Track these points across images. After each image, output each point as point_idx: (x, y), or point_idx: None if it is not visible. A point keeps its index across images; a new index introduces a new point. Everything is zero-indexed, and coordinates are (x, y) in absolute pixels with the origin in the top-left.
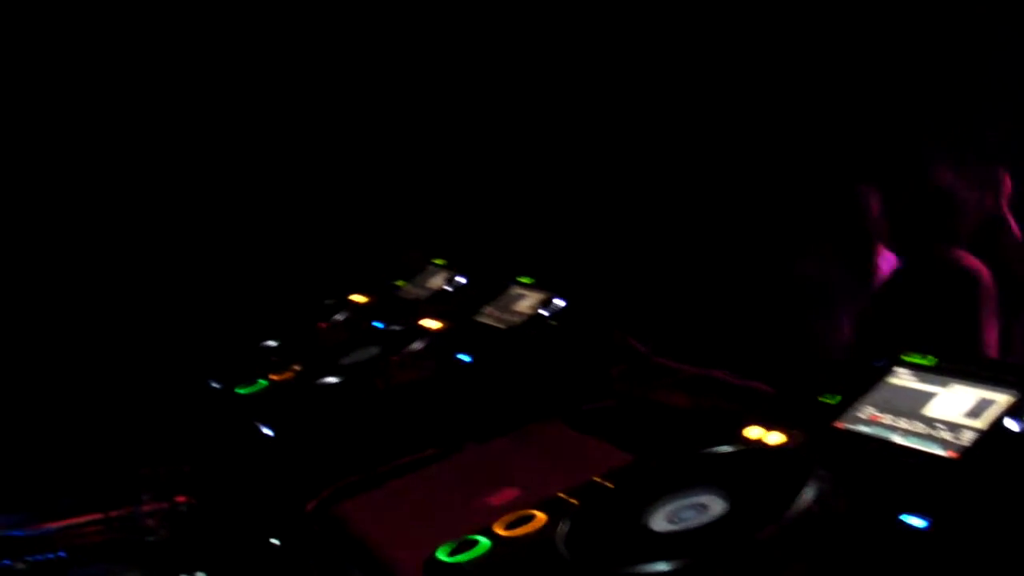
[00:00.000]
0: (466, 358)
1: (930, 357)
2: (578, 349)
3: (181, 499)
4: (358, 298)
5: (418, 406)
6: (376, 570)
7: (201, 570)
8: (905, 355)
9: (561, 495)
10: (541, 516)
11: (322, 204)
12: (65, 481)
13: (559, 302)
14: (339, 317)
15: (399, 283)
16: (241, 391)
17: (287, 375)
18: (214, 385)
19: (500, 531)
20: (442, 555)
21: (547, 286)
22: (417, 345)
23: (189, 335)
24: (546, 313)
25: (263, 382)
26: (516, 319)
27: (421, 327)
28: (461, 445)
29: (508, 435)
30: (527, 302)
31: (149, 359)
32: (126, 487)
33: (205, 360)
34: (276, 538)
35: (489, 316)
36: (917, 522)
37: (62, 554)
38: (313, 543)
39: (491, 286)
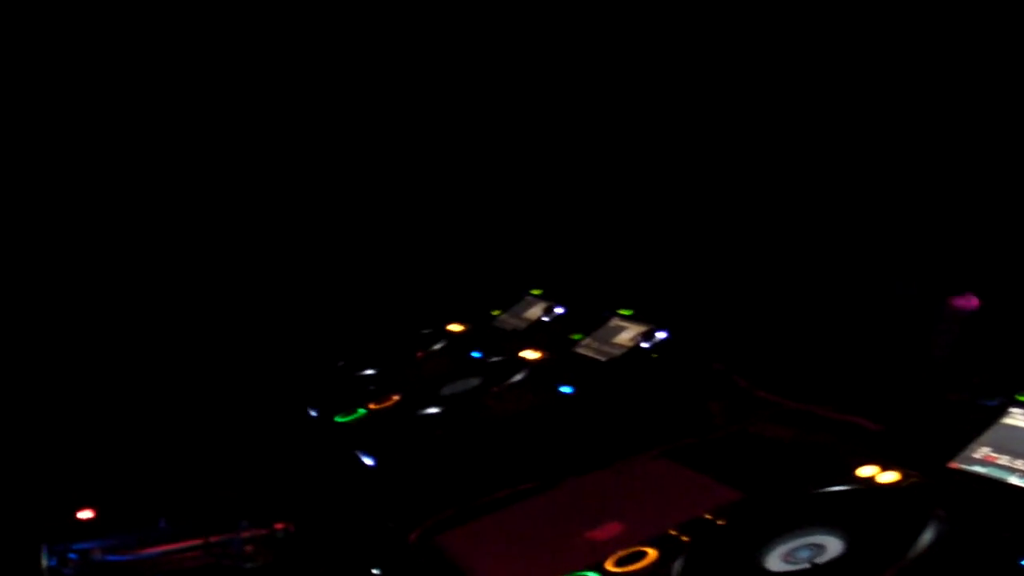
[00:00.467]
0: (567, 390)
1: None
2: (678, 382)
3: (280, 526)
4: (455, 327)
5: (518, 438)
6: None
7: None
8: (1020, 395)
9: (672, 532)
10: (652, 553)
11: (419, 233)
12: (164, 506)
13: (660, 334)
14: (437, 347)
15: (496, 312)
16: (340, 419)
17: (386, 404)
18: (312, 413)
19: (611, 568)
20: None
21: (647, 318)
22: (517, 377)
23: (287, 362)
24: (647, 345)
25: (362, 411)
26: (616, 351)
27: (521, 358)
28: (561, 477)
29: (608, 468)
30: (627, 334)
31: (247, 385)
32: (225, 513)
33: (303, 388)
34: (377, 567)
35: (588, 348)
36: None
37: None
38: (415, 573)
39: (590, 317)
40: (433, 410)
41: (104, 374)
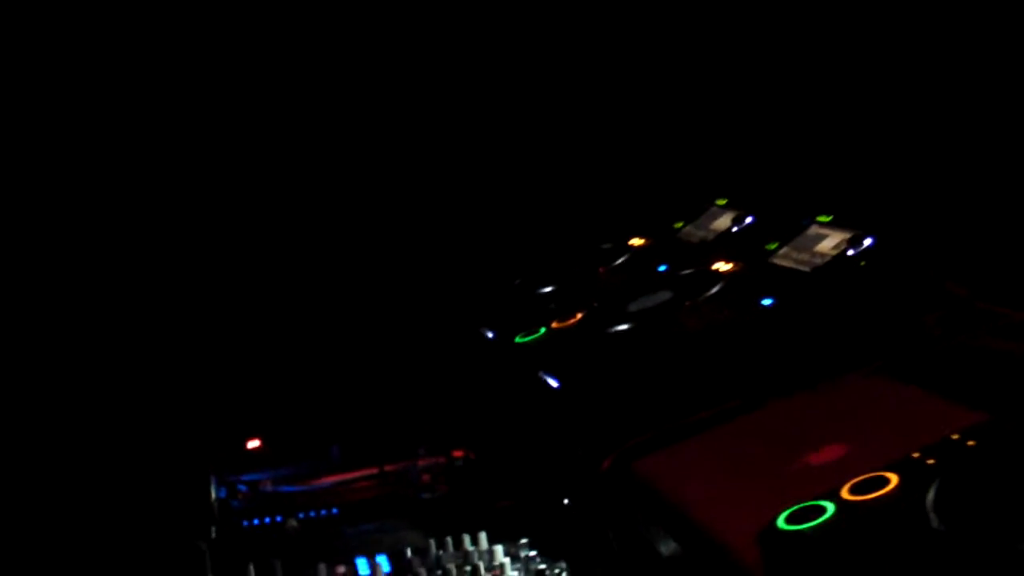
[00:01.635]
0: (767, 302)
1: None
2: (889, 292)
3: (458, 453)
4: (636, 241)
5: (716, 354)
6: (689, 535)
7: (481, 530)
8: None
9: (915, 455)
10: (894, 478)
11: (594, 145)
12: (335, 433)
13: (867, 241)
14: (619, 261)
15: (678, 225)
16: (521, 340)
17: (569, 323)
18: (488, 334)
19: (847, 495)
20: (782, 523)
21: (849, 224)
22: (713, 290)
23: (459, 281)
24: (853, 253)
25: (543, 330)
26: (819, 260)
27: (714, 271)
28: (765, 397)
29: (817, 386)
30: (829, 242)
31: (417, 305)
32: (400, 440)
33: (477, 307)
34: (567, 497)
35: (787, 257)
36: None
37: (334, 511)
38: (610, 503)
39: (784, 225)
40: (622, 327)
41: (271, 300)
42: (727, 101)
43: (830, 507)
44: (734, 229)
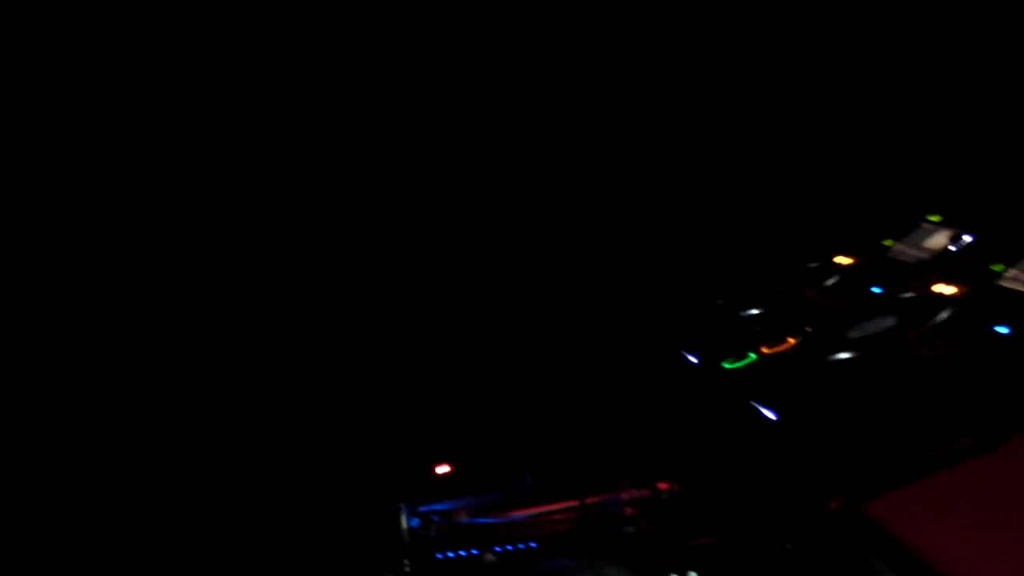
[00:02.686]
0: (1003, 330)
1: None
2: None
3: (664, 486)
4: (844, 259)
5: (948, 387)
6: None
7: (689, 569)
8: None
9: None
10: None
11: (794, 156)
12: (533, 461)
13: None
14: (829, 282)
15: (888, 242)
16: (729, 366)
17: (781, 348)
18: (691, 358)
19: None
20: None
21: None
22: (942, 315)
23: (659, 302)
24: None
25: (752, 355)
26: None
27: (937, 294)
28: (1006, 433)
29: None
30: None
31: (615, 325)
32: (600, 470)
33: (677, 329)
34: (789, 540)
35: (1016, 281)
36: None
37: (532, 544)
38: (839, 548)
39: (1010, 245)
40: (844, 355)
41: (463, 317)
42: (928, 108)
43: None
44: (952, 248)
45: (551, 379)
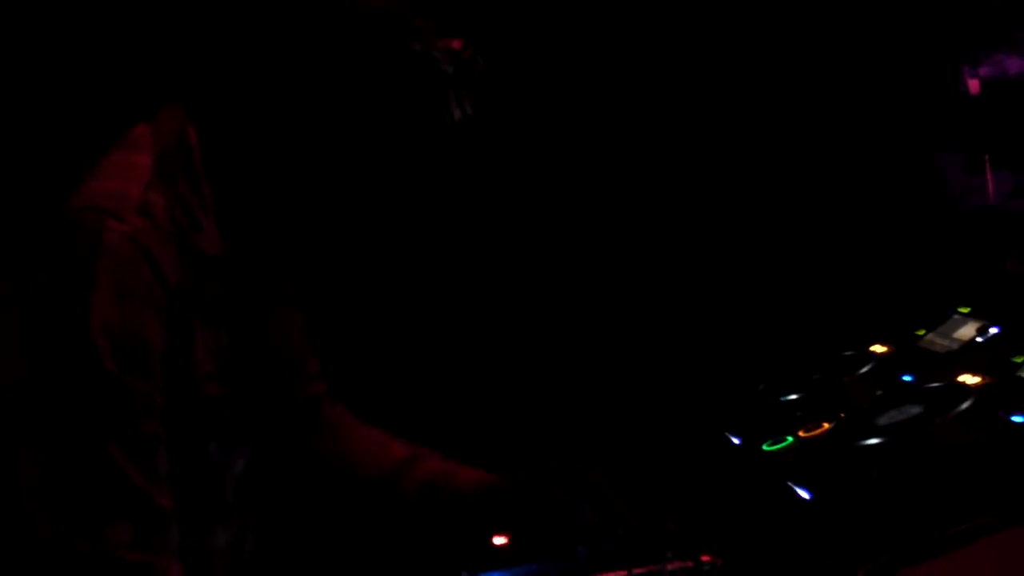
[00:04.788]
0: (1019, 419)
1: None
2: None
3: (707, 558)
4: (879, 348)
5: (967, 471)
6: None
7: None
8: None
9: None
10: None
11: (833, 250)
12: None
13: None
14: (863, 370)
15: (920, 332)
16: (768, 448)
17: (816, 432)
18: (734, 440)
19: None
20: None
21: None
22: (964, 405)
23: (703, 385)
24: None
25: (790, 439)
26: None
27: (961, 383)
28: (1021, 514)
29: None
30: None
31: (663, 409)
32: (648, 542)
33: (721, 412)
34: None
35: None
36: None
37: None
38: None
39: None
40: (873, 441)
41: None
42: (957, 209)
43: None
44: (979, 339)
45: (608, 457)
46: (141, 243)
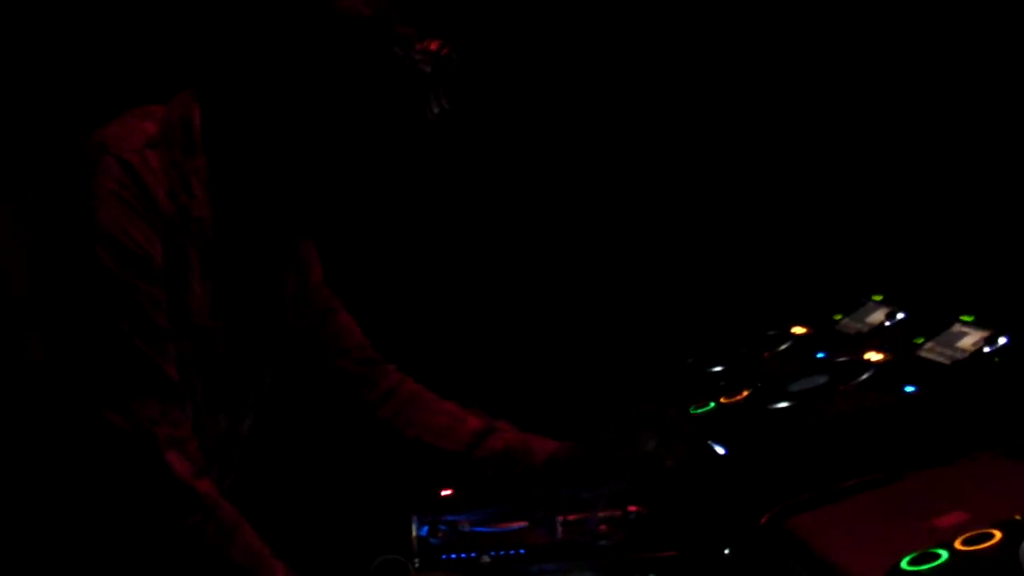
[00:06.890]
0: (911, 389)
1: None
2: (1018, 386)
3: (633, 508)
4: (799, 330)
5: (864, 433)
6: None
7: (651, 573)
8: None
9: (1017, 516)
10: (998, 534)
11: (762, 239)
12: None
13: (1002, 340)
14: (782, 347)
15: (837, 317)
16: (694, 411)
17: (737, 399)
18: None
19: (959, 546)
20: (904, 565)
21: (990, 324)
22: (863, 376)
23: (639, 360)
24: (989, 350)
25: (712, 404)
26: (959, 355)
27: (866, 360)
28: (905, 471)
29: (951, 464)
30: (969, 339)
31: (595, 378)
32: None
33: (655, 382)
34: (728, 547)
35: (931, 351)
36: None
37: (522, 551)
38: (764, 553)
39: (932, 322)
40: (783, 404)
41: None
42: (892, 195)
43: (944, 554)
44: (887, 323)
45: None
46: (137, 171)
